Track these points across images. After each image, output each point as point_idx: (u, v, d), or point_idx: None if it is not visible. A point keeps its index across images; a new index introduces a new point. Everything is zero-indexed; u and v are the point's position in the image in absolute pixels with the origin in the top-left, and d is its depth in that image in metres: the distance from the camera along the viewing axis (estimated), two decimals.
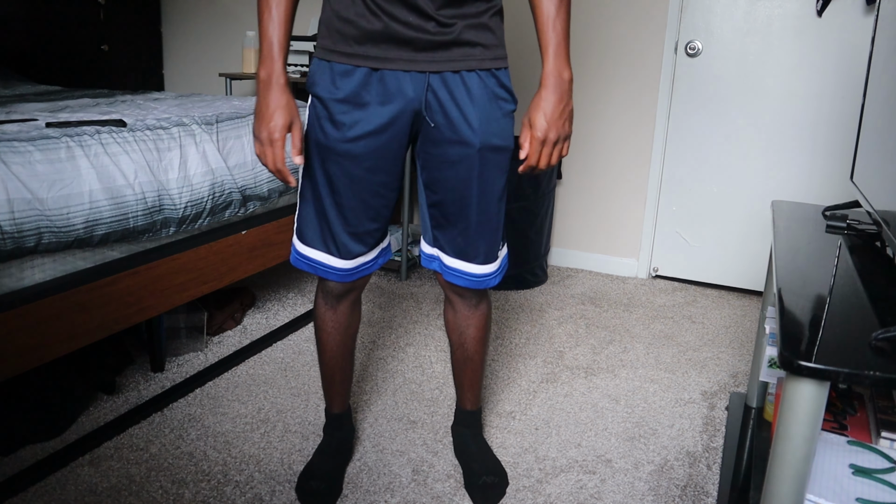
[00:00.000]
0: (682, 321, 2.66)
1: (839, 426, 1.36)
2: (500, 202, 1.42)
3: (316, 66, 1.34)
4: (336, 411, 1.66)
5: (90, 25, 3.49)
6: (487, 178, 1.37)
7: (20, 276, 1.51)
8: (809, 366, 0.86)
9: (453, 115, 1.32)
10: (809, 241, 1.43)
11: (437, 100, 1.31)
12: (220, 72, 3.82)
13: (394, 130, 1.32)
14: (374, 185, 1.36)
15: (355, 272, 1.45)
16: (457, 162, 1.35)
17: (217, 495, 1.56)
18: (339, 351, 1.57)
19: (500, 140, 1.36)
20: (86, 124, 1.73)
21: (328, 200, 1.38)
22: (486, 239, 1.43)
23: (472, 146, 1.33)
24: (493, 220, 1.42)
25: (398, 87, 1.29)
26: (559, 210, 3.24)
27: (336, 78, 1.30)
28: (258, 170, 2.11)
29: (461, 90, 1.31)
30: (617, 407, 2.01)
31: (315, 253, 1.43)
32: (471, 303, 1.53)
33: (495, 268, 1.47)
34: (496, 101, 1.34)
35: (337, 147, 1.32)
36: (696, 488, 1.65)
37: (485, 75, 1.32)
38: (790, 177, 2.83)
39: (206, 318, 2.25)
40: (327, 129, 1.32)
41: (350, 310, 1.54)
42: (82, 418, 1.83)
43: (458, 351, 1.60)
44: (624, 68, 2.98)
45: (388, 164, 1.35)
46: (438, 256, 1.49)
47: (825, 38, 2.66)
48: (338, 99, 1.30)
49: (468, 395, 1.66)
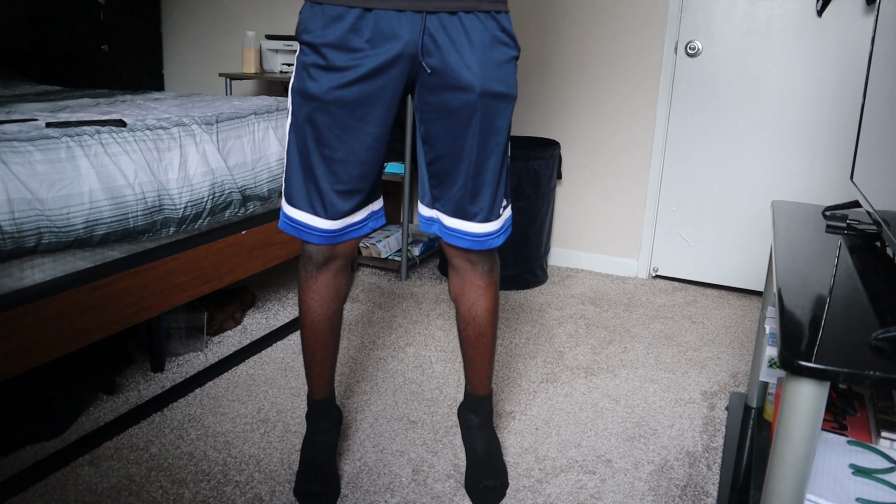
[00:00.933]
0: (682, 321, 2.66)
1: (839, 426, 1.36)
2: (502, 153, 1.35)
3: (307, 11, 1.28)
4: (318, 397, 1.59)
5: (90, 25, 3.49)
6: (488, 126, 1.31)
7: (20, 276, 1.51)
8: (809, 366, 0.86)
9: (451, 58, 1.26)
10: (809, 241, 1.42)
11: (435, 43, 1.25)
12: (220, 72, 3.82)
13: (388, 76, 1.26)
14: (365, 136, 1.30)
15: (341, 233, 1.39)
16: (456, 110, 1.29)
17: (217, 495, 1.56)
18: (319, 326, 1.49)
19: (501, 86, 1.30)
20: (86, 124, 1.73)
21: (316, 155, 1.32)
22: (487, 193, 1.36)
23: (471, 91, 1.27)
24: (494, 173, 1.35)
25: (392, 29, 1.23)
26: (559, 210, 3.24)
27: (328, 22, 1.25)
28: (258, 170, 2.11)
29: (459, 32, 1.25)
30: (617, 407, 2.01)
31: (300, 214, 1.37)
32: (482, 269, 1.45)
33: (497, 226, 1.40)
34: (497, 45, 1.28)
35: (327, 95, 1.27)
36: (696, 488, 1.65)
37: (485, 17, 1.26)
38: (790, 177, 2.83)
39: (206, 318, 2.25)
40: (317, 76, 1.27)
41: (332, 280, 1.46)
42: (82, 418, 1.83)
43: (469, 327, 1.52)
44: (624, 68, 2.98)
45: (380, 112, 1.29)
46: (438, 218, 1.42)
47: (825, 38, 2.66)
48: (329, 43, 1.25)
49: (480, 376, 1.57)
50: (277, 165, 2.20)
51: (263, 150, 2.15)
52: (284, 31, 3.59)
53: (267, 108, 2.22)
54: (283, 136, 2.25)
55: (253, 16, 3.68)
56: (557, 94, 3.11)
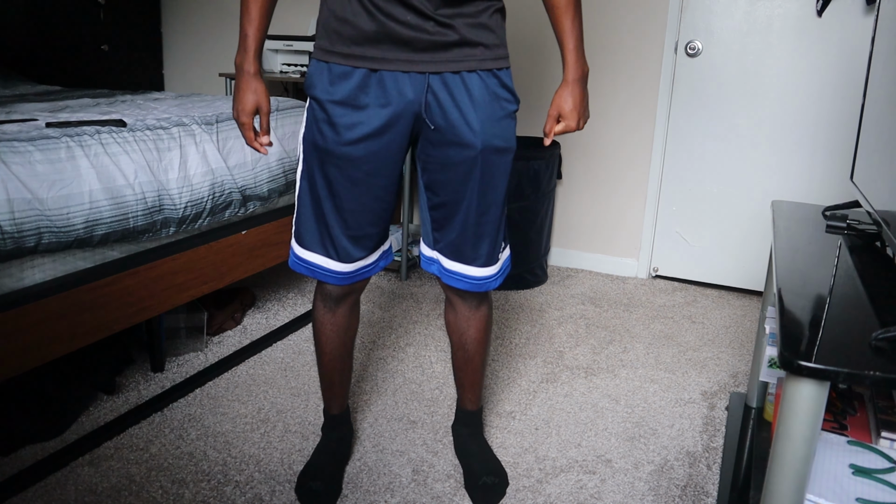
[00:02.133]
0: (682, 321, 2.66)
1: (839, 426, 1.36)
2: (501, 204, 1.41)
3: (314, 67, 1.32)
4: (334, 412, 1.66)
5: (90, 25, 3.49)
6: (489, 180, 1.36)
7: (20, 276, 1.51)
8: (809, 366, 0.86)
9: (453, 116, 1.30)
10: (809, 241, 1.42)
11: (437, 101, 1.30)
12: (220, 72, 3.82)
13: (393, 133, 1.31)
14: (373, 189, 1.35)
15: (355, 275, 1.44)
16: (458, 164, 1.34)
17: (217, 495, 1.56)
18: (337, 353, 1.56)
19: (501, 141, 1.34)
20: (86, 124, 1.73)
21: (327, 204, 1.36)
22: (487, 241, 1.41)
23: (473, 148, 1.32)
24: (494, 222, 1.40)
25: (397, 88, 1.28)
26: (559, 210, 3.24)
27: (334, 79, 1.29)
28: (258, 170, 2.11)
29: (461, 91, 1.30)
30: (617, 407, 2.01)
31: (314, 256, 1.42)
32: (471, 304, 1.52)
33: (496, 270, 1.46)
34: (498, 102, 1.33)
35: (335, 150, 1.31)
36: (696, 488, 1.65)
37: (486, 75, 1.31)
38: (790, 177, 2.83)
39: (206, 318, 2.25)
40: (325, 131, 1.31)
41: (349, 312, 1.53)
42: (82, 418, 1.83)
43: (458, 352, 1.59)
44: (624, 68, 2.98)
45: (387, 167, 1.34)
46: (438, 260, 1.47)
47: (825, 38, 2.66)
48: (336, 101, 1.29)
49: (469, 395, 1.66)
50: (277, 165, 2.20)
51: None
52: (284, 31, 3.59)
53: None
54: (283, 136, 2.25)
55: None
56: None
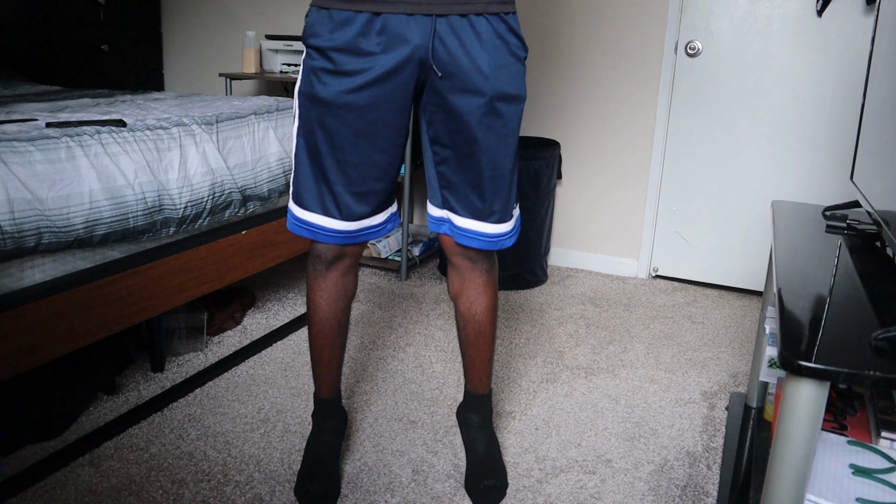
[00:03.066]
0: (682, 321, 2.66)
1: (839, 426, 1.36)
2: (514, 155, 1.35)
3: (314, 15, 1.27)
4: (324, 396, 1.59)
5: (90, 25, 3.49)
6: (500, 129, 1.30)
7: (20, 276, 1.51)
8: (809, 366, 0.86)
9: (462, 62, 1.25)
10: (809, 241, 1.42)
11: (445, 46, 1.24)
12: (220, 72, 3.81)
13: (398, 79, 1.25)
14: (378, 140, 1.29)
15: (358, 234, 1.39)
16: (467, 113, 1.28)
17: (217, 495, 1.56)
18: (327, 324, 1.49)
19: (512, 88, 1.29)
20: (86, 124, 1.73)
21: (329, 159, 1.30)
22: (501, 196, 1.35)
23: (483, 95, 1.26)
24: (507, 175, 1.35)
25: (402, 33, 1.22)
26: (559, 210, 3.24)
27: (336, 26, 1.24)
28: (258, 170, 2.11)
29: (470, 35, 1.24)
30: (617, 407, 2.01)
31: (312, 216, 1.36)
32: (482, 267, 1.45)
33: (510, 227, 1.40)
34: (507, 47, 1.27)
35: (338, 99, 1.26)
36: (696, 488, 1.65)
37: (494, 19, 1.26)
38: (790, 177, 2.83)
39: (206, 318, 2.25)
40: (327, 80, 1.26)
41: (341, 278, 1.46)
42: (82, 418, 1.83)
43: (469, 325, 1.52)
44: (624, 68, 2.98)
45: (392, 116, 1.28)
46: (448, 219, 1.41)
47: (825, 38, 2.66)
48: (338, 47, 1.23)
49: (479, 375, 1.57)
50: (277, 165, 2.20)
51: (263, 150, 2.15)
52: (284, 31, 3.59)
53: (267, 108, 2.22)
54: (283, 136, 2.25)
55: (253, 16, 3.68)
56: (557, 94, 3.11)
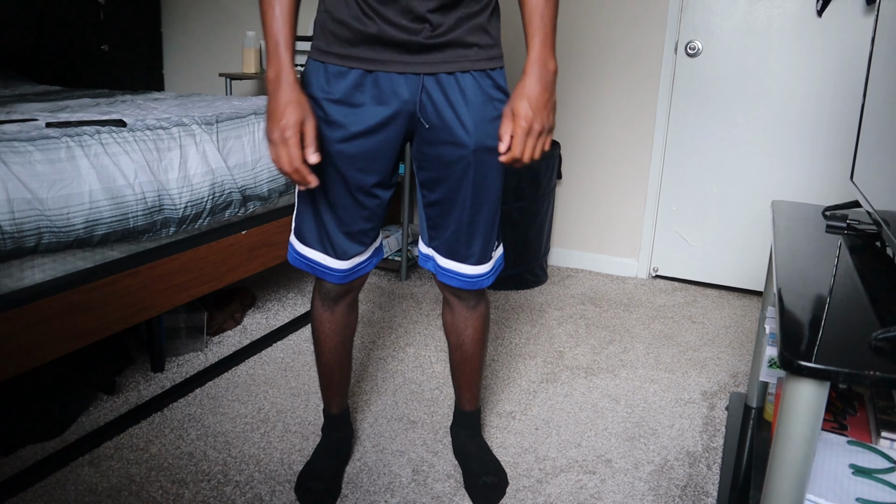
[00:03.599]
0: (682, 321, 2.66)
1: (839, 426, 1.36)
2: (495, 203, 1.42)
3: (310, 67, 1.34)
4: (334, 412, 1.66)
5: (90, 25, 3.49)
6: (482, 179, 1.37)
7: (20, 276, 1.51)
8: (809, 366, 0.86)
9: (447, 116, 1.31)
10: (809, 241, 1.42)
11: (432, 101, 1.31)
12: (220, 72, 3.82)
13: (387, 132, 1.32)
14: (367, 186, 1.36)
15: (352, 273, 1.46)
16: (451, 163, 1.35)
17: (217, 495, 1.56)
18: (336, 352, 1.57)
19: (494, 142, 1.35)
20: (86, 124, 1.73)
21: (323, 201, 1.38)
22: (480, 240, 1.42)
23: (466, 147, 1.33)
24: (487, 220, 1.41)
25: (392, 88, 1.29)
26: (559, 210, 3.24)
27: (330, 78, 1.30)
28: (258, 170, 2.11)
29: (455, 91, 1.30)
30: (617, 407, 2.01)
31: (313, 253, 1.43)
32: (468, 304, 1.53)
33: (488, 269, 1.47)
34: (491, 102, 1.33)
35: (330, 148, 1.32)
36: (696, 488, 1.65)
37: (479, 76, 1.32)
38: (790, 177, 2.83)
39: (206, 318, 2.25)
40: (320, 129, 1.32)
41: (347, 311, 1.54)
42: (82, 418, 1.83)
43: (456, 352, 1.60)
44: (624, 68, 2.98)
45: (380, 165, 1.35)
46: (433, 257, 1.49)
47: (825, 38, 2.66)
48: (332, 99, 1.30)
49: (466, 395, 1.66)
50: None
51: (263, 150, 2.15)
52: None
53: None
54: None
55: (253, 16, 3.68)
56: (557, 94, 3.11)
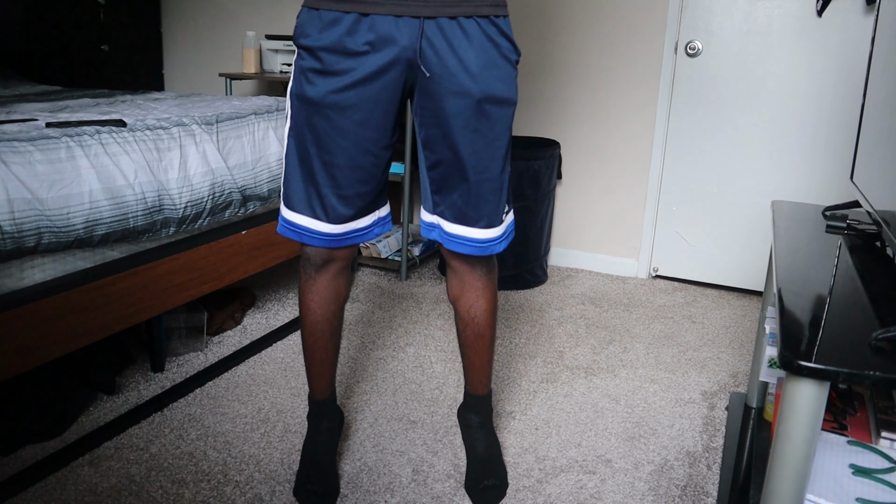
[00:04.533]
0: (682, 321, 2.66)
1: (839, 426, 1.36)
2: (503, 160, 1.34)
3: (304, 15, 1.28)
4: (319, 398, 1.59)
5: (90, 25, 3.49)
6: (488, 132, 1.30)
7: (20, 276, 1.51)
8: (809, 366, 0.86)
9: (450, 62, 1.24)
10: (809, 241, 1.42)
11: (433, 47, 1.24)
12: (220, 72, 3.81)
13: (386, 80, 1.25)
14: (364, 142, 1.29)
15: (345, 237, 1.39)
16: (455, 115, 1.28)
17: (217, 495, 1.56)
18: (319, 327, 1.49)
19: (502, 90, 1.28)
20: (86, 124, 1.73)
21: (316, 160, 1.31)
22: (489, 200, 1.35)
23: (471, 96, 1.26)
24: (495, 179, 1.34)
25: (390, 33, 1.22)
26: (559, 210, 3.24)
27: (324, 26, 1.24)
28: (258, 170, 2.12)
29: (459, 36, 1.24)
30: (617, 407, 2.01)
31: (300, 218, 1.37)
32: (481, 271, 1.45)
33: (500, 232, 1.39)
34: (497, 49, 1.27)
35: (325, 99, 1.26)
36: (696, 488, 1.65)
37: (483, 22, 1.25)
38: (790, 177, 2.83)
39: (206, 318, 2.25)
40: (315, 80, 1.27)
41: (332, 281, 1.46)
42: (82, 418, 1.83)
43: (468, 327, 1.52)
44: (624, 68, 2.98)
45: (379, 117, 1.28)
46: (438, 224, 1.41)
47: (825, 38, 2.66)
48: (326, 47, 1.24)
49: (479, 376, 1.57)
50: (277, 165, 2.20)
51: (263, 150, 2.15)
52: (284, 31, 3.58)
53: (267, 108, 2.23)
54: (282, 136, 2.25)
55: (253, 16, 3.68)
56: (557, 94, 3.12)
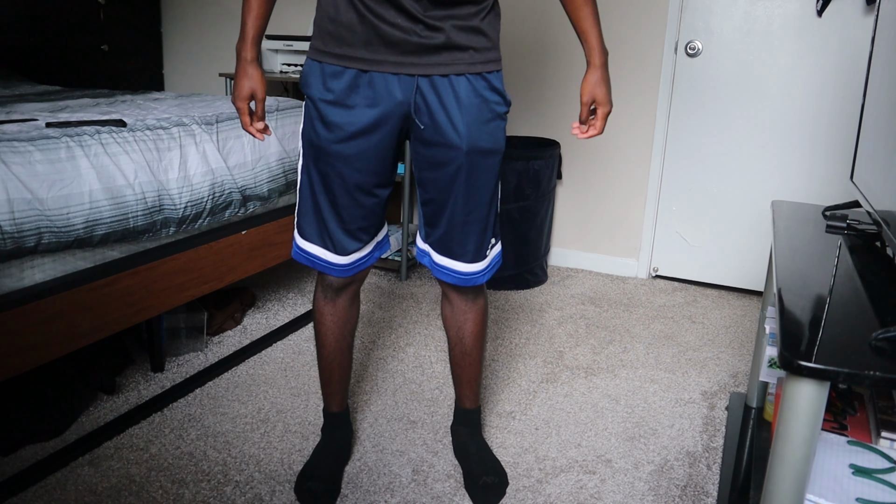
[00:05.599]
0: (682, 321, 2.66)
1: (839, 426, 1.36)
2: (489, 203, 1.42)
3: (308, 66, 1.35)
4: (334, 410, 1.67)
5: (90, 25, 3.49)
6: (475, 180, 1.38)
7: (20, 276, 1.51)
8: (809, 366, 0.86)
9: (440, 118, 1.32)
10: (809, 241, 1.42)
11: (426, 102, 1.32)
12: (220, 72, 3.82)
13: (382, 132, 1.33)
14: (364, 185, 1.38)
15: (352, 267, 1.47)
16: (444, 164, 1.36)
17: (217, 495, 1.56)
18: (337, 346, 1.58)
19: (488, 143, 1.36)
20: (86, 124, 1.73)
21: (322, 198, 1.40)
22: (474, 239, 1.43)
23: (458, 149, 1.34)
24: (481, 220, 1.42)
25: (387, 89, 1.30)
26: (559, 210, 3.24)
27: (326, 79, 1.32)
28: (258, 170, 2.11)
29: (449, 94, 1.31)
30: (617, 407, 2.01)
31: (314, 248, 1.45)
32: (468, 298, 1.54)
33: (483, 266, 1.48)
34: (486, 104, 1.34)
35: (328, 147, 1.34)
36: (696, 488, 1.65)
37: (474, 78, 1.32)
38: (790, 177, 2.83)
39: (206, 318, 2.25)
40: (318, 129, 1.34)
41: (349, 304, 1.55)
42: (82, 418, 1.83)
43: (456, 347, 1.61)
44: (624, 68, 2.98)
45: (377, 164, 1.37)
46: (429, 253, 1.50)
47: (825, 38, 2.66)
48: (328, 100, 1.32)
49: (467, 392, 1.66)
50: (277, 165, 2.20)
51: (263, 150, 2.15)
52: (284, 31, 3.59)
53: (267, 108, 2.22)
54: (283, 136, 2.26)
55: None
56: (557, 94, 3.11)
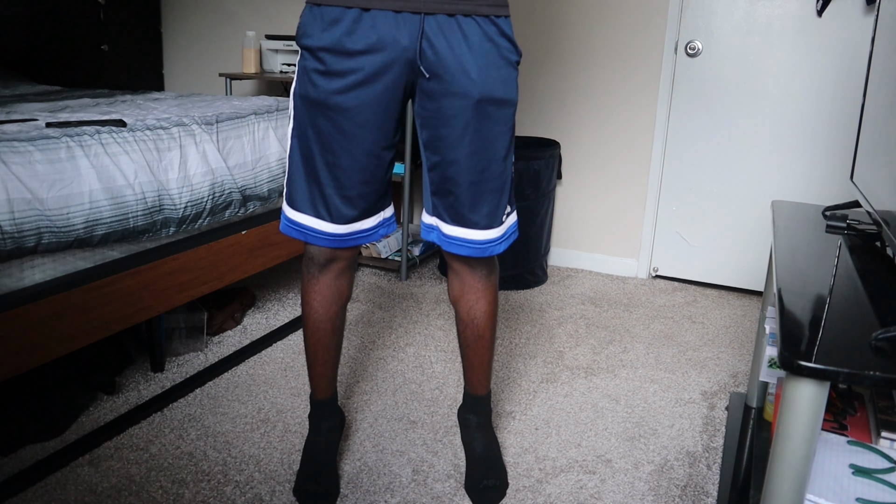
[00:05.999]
0: (682, 321, 2.66)
1: (839, 426, 1.36)
2: (504, 161, 1.34)
3: (307, 15, 1.28)
4: (320, 397, 1.59)
5: (90, 25, 3.49)
6: (487, 133, 1.29)
7: (20, 276, 1.51)
8: (809, 366, 0.86)
9: (449, 63, 1.25)
10: (809, 241, 1.42)
11: (433, 47, 1.24)
12: (220, 72, 3.81)
13: (386, 80, 1.26)
14: (366, 143, 1.30)
15: (348, 238, 1.39)
16: (453, 116, 1.28)
17: (217, 495, 1.56)
18: (321, 326, 1.50)
19: (501, 91, 1.28)
20: (86, 124, 1.73)
21: (319, 160, 1.32)
22: (488, 202, 1.34)
23: (469, 98, 1.26)
24: (495, 180, 1.33)
25: (390, 33, 1.23)
26: (559, 210, 3.24)
27: (326, 25, 1.25)
28: (258, 170, 2.11)
29: (458, 36, 1.24)
30: (617, 407, 2.01)
31: (304, 218, 1.37)
32: (481, 273, 1.45)
33: (500, 233, 1.38)
34: (498, 51, 1.27)
35: (328, 100, 1.27)
36: (696, 488, 1.65)
37: (483, 22, 1.25)
38: (790, 177, 2.83)
39: (206, 318, 2.25)
40: (317, 80, 1.27)
41: (334, 281, 1.46)
42: (82, 418, 1.83)
43: (467, 328, 1.52)
44: (624, 68, 2.98)
45: (380, 119, 1.29)
46: (437, 226, 1.41)
47: (825, 38, 2.66)
48: (328, 48, 1.25)
49: (478, 376, 1.58)
50: (277, 165, 2.20)
51: (263, 150, 2.15)
52: (284, 31, 3.58)
53: (267, 109, 2.22)
54: (283, 136, 2.25)
55: (253, 16, 3.68)
56: (557, 94, 3.12)
